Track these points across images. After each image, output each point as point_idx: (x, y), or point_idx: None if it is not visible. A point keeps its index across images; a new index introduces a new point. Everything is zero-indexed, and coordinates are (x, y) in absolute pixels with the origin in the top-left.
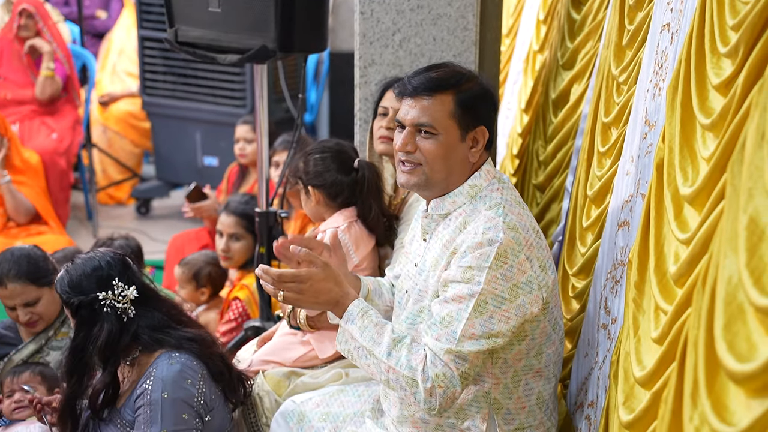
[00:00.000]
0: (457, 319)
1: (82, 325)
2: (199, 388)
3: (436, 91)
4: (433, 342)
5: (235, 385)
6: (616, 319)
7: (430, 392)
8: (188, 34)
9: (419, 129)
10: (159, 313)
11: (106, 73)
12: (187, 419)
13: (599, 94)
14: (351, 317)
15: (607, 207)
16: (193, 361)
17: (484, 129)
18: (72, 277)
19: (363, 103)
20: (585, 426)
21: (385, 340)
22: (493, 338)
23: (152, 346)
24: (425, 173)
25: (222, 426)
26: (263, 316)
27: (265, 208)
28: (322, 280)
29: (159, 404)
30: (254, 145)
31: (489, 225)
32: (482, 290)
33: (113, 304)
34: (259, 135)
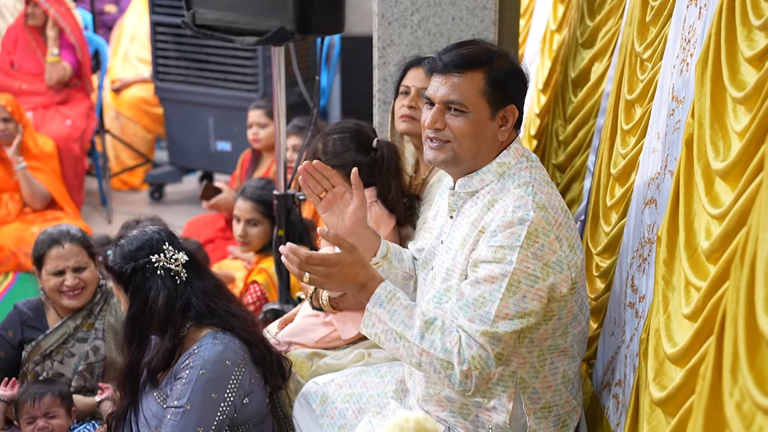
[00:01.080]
0: (490, 299)
1: (139, 291)
2: (238, 371)
3: (467, 68)
4: (467, 324)
5: (275, 369)
6: (644, 297)
7: (466, 374)
8: (206, 17)
9: (449, 106)
10: (208, 281)
11: (118, 60)
12: (215, 399)
13: (622, 71)
14: (379, 300)
15: (633, 185)
16: (237, 343)
17: (514, 108)
18: (124, 249)
19: (382, 83)
20: (612, 405)
21: (417, 323)
22: (527, 317)
23: (202, 318)
24: (453, 150)
25: (260, 410)
26: (282, 299)
27: (283, 190)
28: (350, 264)
29: (194, 380)
30: (267, 129)
31: (518, 204)
32: (514, 269)
33: (166, 266)
34: (277, 117)
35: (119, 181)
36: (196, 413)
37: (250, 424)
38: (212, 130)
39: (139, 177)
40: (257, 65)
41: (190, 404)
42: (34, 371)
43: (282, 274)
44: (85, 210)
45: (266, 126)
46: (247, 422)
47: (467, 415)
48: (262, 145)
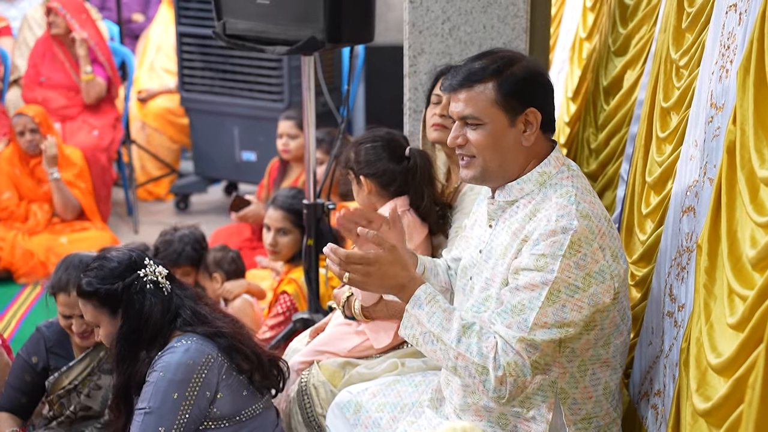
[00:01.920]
0: (529, 307)
1: (132, 307)
2: (201, 370)
3: (475, 81)
4: (504, 330)
5: (266, 370)
6: (683, 306)
7: (501, 380)
8: (236, 27)
9: (466, 121)
10: (188, 289)
11: (144, 70)
12: (176, 399)
13: (657, 79)
14: (419, 302)
15: (669, 193)
16: (201, 342)
17: (534, 111)
18: (105, 271)
19: (413, 92)
20: (652, 415)
21: (455, 327)
22: (566, 327)
23: (189, 325)
24: (480, 165)
25: (237, 406)
26: (311, 308)
27: (312, 200)
28: (390, 264)
29: (155, 382)
30: (298, 140)
31: (562, 213)
32: (556, 278)
33: (153, 279)
34: (306, 126)
35: (145, 191)
36: (156, 414)
37: (240, 418)
38: (237, 140)
39: (164, 187)
40: (282, 75)
41: (151, 406)
42: (60, 403)
43: (311, 284)
44: (112, 220)
45: (296, 137)
46: (232, 417)
47: (505, 425)
48: (292, 156)
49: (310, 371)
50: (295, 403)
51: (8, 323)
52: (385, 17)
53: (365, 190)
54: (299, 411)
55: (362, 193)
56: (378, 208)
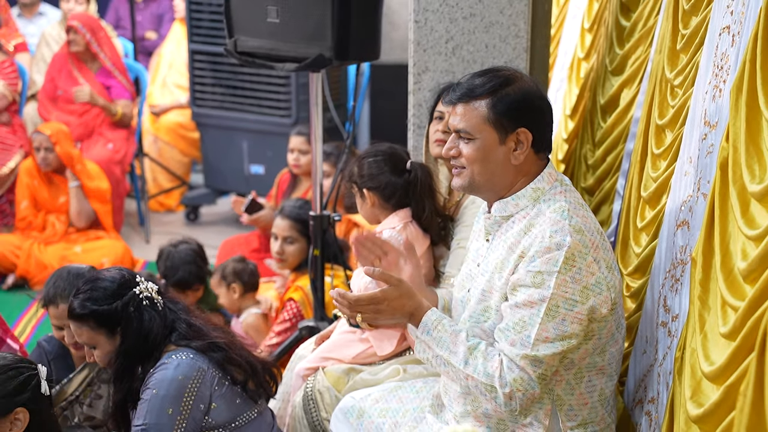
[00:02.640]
0: (530, 323)
1: (132, 325)
2: (192, 384)
3: (471, 97)
4: (508, 348)
5: (260, 378)
6: (677, 316)
7: (510, 396)
8: (247, 44)
9: (460, 135)
10: (179, 302)
11: (157, 86)
12: (171, 414)
13: (652, 97)
14: (426, 328)
15: (664, 207)
16: (192, 356)
17: (525, 131)
18: (99, 293)
19: (417, 108)
20: (645, 422)
21: (461, 350)
22: (567, 339)
23: (185, 338)
24: (468, 176)
25: (231, 414)
26: (317, 316)
27: (319, 211)
28: (398, 298)
29: (149, 399)
30: (308, 156)
31: (555, 228)
32: (552, 294)
33: (149, 295)
34: (314, 141)
35: (156, 203)
36: (153, 430)
37: (235, 425)
38: (246, 154)
39: (175, 199)
40: (290, 92)
41: (147, 422)
42: (63, 415)
43: (317, 292)
44: (124, 230)
45: (307, 153)
46: (228, 424)
47: (504, 431)
48: (302, 171)
49: (316, 377)
50: (301, 408)
51: (24, 329)
52: (390, 36)
53: (368, 203)
54: (305, 416)
55: (365, 205)
56: (381, 220)
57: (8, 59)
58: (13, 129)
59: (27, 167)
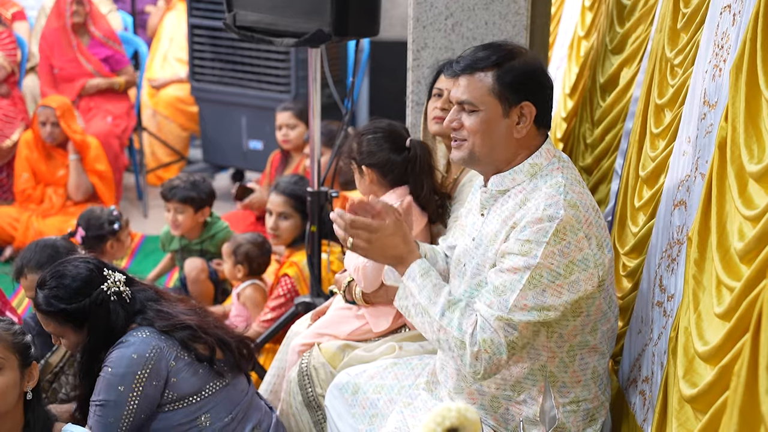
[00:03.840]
0: (510, 288)
1: (98, 322)
2: (147, 362)
3: (476, 69)
4: (484, 308)
5: (235, 354)
6: (672, 296)
7: (476, 356)
8: (246, 18)
9: (463, 106)
10: (148, 289)
11: (157, 60)
12: (122, 391)
13: (652, 76)
14: (412, 275)
15: (662, 187)
16: (148, 334)
17: (530, 105)
18: (67, 289)
19: (415, 85)
20: (639, 401)
21: (441, 301)
22: (545, 311)
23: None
24: (468, 148)
25: (193, 387)
26: (313, 292)
27: (316, 188)
28: (392, 235)
29: (103, 377)
30: (297, 130)
31: (550, 202)
32: (538, 264)
33: (116, 290)
34: (312, 117)
35: (155, 177)
36: (106, 406)
37: (198, 398)
38: (245, 129)
39: (174, 173)
40: (290, 67)
41: (101, 399)
42: (52, 389)
43: (314, 269)
44: (122, 204)
45: (295, 127)
46: (193, 396)
47: (497, 409)
48: (292, 146)
49: (311, 353)
50: (296, 384)
51: (22, 300)
52: (390, 13)
53: (367, 180)
54: (299, 391)
55: (364, 182)
56: (379, 197)
57: (6, 30)
58: (13, 101)
59: (26, 140)
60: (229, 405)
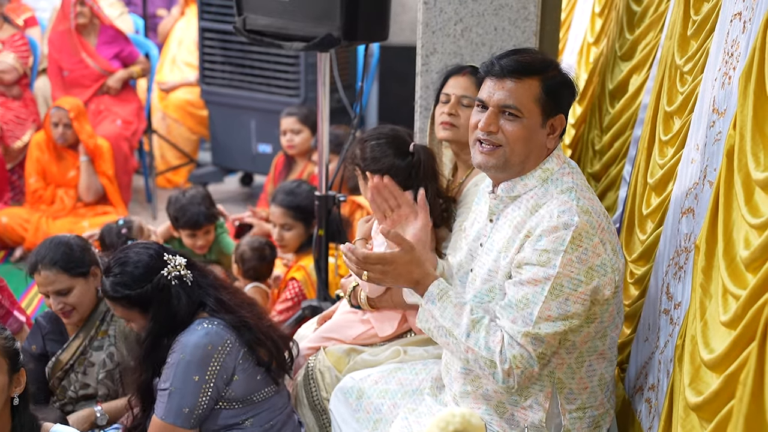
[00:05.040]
0: (533, 301)
1: (162, 307)
2: (219, 355)
3: (525, 74)
4: (509, 325)
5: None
6: (679, 304)
7: (508, 373)
8: (256, 22)
9: (504, 110)
10: (209, 275)
11: (166, 63)
12: (197, 381)
13: (661, 83)
14: (431, 297)
15: (670, 195)
16: (223, 327)
17: (562, 117)
18: (131, 275)
19: (424, 90)
20: (645, 408)
21: (464, 321)
22: (570, 320)
23: (215, 313)
24: (504, 155)
25: (249, 389)
26: (320, 296)
27: (324, 192)
28: (406, 263)
29: (176, 364)
30: (301, 135)
31: (563, 208)
32: (558, 273)
33: (177, 274)
34: (320, 121)
35: (164, 180)
36: (179, 394)
37: (250, 401)
38: (254, 132)
39: (183, 176)
40: (299, 71)
41: (174, 386)
42: (61, 386)
43: (321, 273)
44: (132, 206)
45: (300, 132)
46: (245, 399)
47: (503, 413)
48: (297, 151)
49: (317, 357)
50: (302, 387)
51: (31, 301)
52: (400, 18)
53: None
54: (305, 395)
55: (364, 185)
56: None
57: (19, 33)
58: (25, 103)
59: (37, 141)
60: (274, 411)
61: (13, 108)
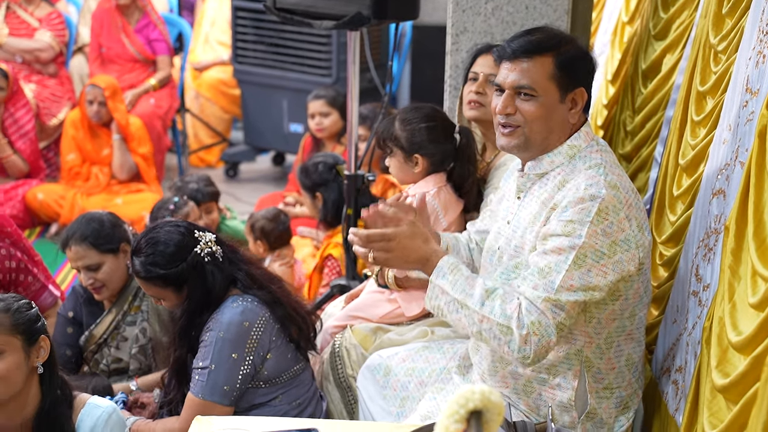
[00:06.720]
0: (556, 270)
1: (196, 285)
2: (255, 331)
3: (536, 53)
4: (530, 291)
5: (308, 335)
6: (708, 286)
7: (525, 339)
8: (287, 1)
9: (519, 91)
10: (238, 251)
11: (199, 42)
12: (235, 359)
13: (695, 63)
14: (441, 272)
15: (701, 176)
16: (257, 304)
17: (583, 90)
18: (163, 255)
19: (453, 70)
20: (672, 390)
21: (478, 291)
22: (591, 291)
23: (247, 289)
24: (524, 134)
25: (280, 368)
26: (348, 275)
27: (353, 171)
28: (409, 238)
29: (214, 342)
30: (330, 118)
31: (591, 182)
32: (583, 243)
33: (209, 251)
34: (350, 100)
35: (197, 158)
36: (218, 372)
37: (280, 379)
38: (286, 112)
39: (215, 155)
40: (331, 51)
41: (213, 365)
42: (94, 359)
43: (350, 252)
44: (165, 184)
45: (329, 115)
46: (276, 378)
47: (530, 393)
48: (327, 134)
49: (343, 335)
50: (328, 365)
51: (66, 276)
52: None
53: (420, 168)
54: (331, 372)
55: (399, 166)
56: (415, 182)
57: (55, 11)
58: (61, 81)
59: (72, 119)
60: (302, 388)
61: (49, 86)
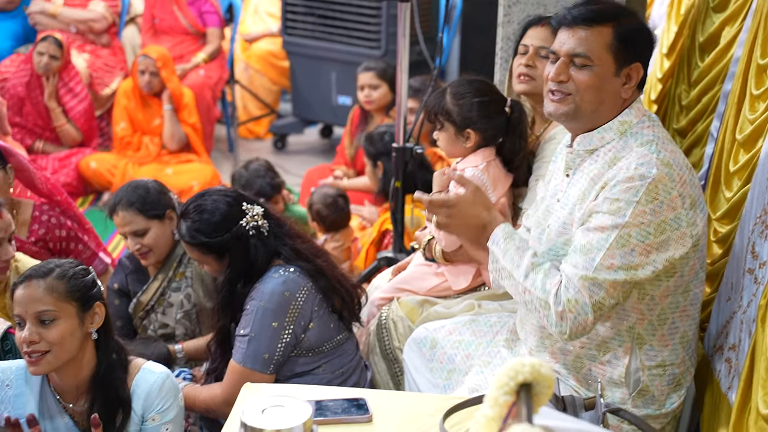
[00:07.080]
0: (597, 247)
1: (238, 256)
2: (296, 302)
3: (596, 22)
4: (570, 268)
5: (352, 307)
6: (764, 263)
7: (561, 316)
8: None
9: (574, 60)
10: (285, 225)
11: (249, 14)
12: (276, 327)
13: (755, 35)
14: (496, 239)
15: (759, 151)
16: (299, 275)
17: (639, 66)
18: (209, 223)
19: (504, 41)
20: (725, 368)
21: (525, 264)
22: (632, 270)
23: (290, 261)
24: (575, 102)
25: (322, 337)
26: (396, 247)
27: (402, 143)
28: (471, 204)
29: (255, 311)
30: (379, 90)
31: (642, 161)
32: (627, 223)
33: (255, 224)
34: (400, 72)
35: (246, 130)
36: (258, 340)
37: (323, 349)
38: (334, 84)
39: (264, 127)
40: (381, 23)
41: (254, 333)
42: (143, 325)
43: (397, 224)
44: (214, 155)
45: (378, 87)
46: (319, 347)
47: (580, 369)
48: (376, 106)
49: (390, 307)
50: (374, 336)
51: (117, 244)
52: None
53: (472, 142)
54: (377, 344)
55: (449, 139)
56: (464, 155)
57: None
58: (113, 51)
59: (124, 89)
60: (345, 358)
61: (102, 56)
